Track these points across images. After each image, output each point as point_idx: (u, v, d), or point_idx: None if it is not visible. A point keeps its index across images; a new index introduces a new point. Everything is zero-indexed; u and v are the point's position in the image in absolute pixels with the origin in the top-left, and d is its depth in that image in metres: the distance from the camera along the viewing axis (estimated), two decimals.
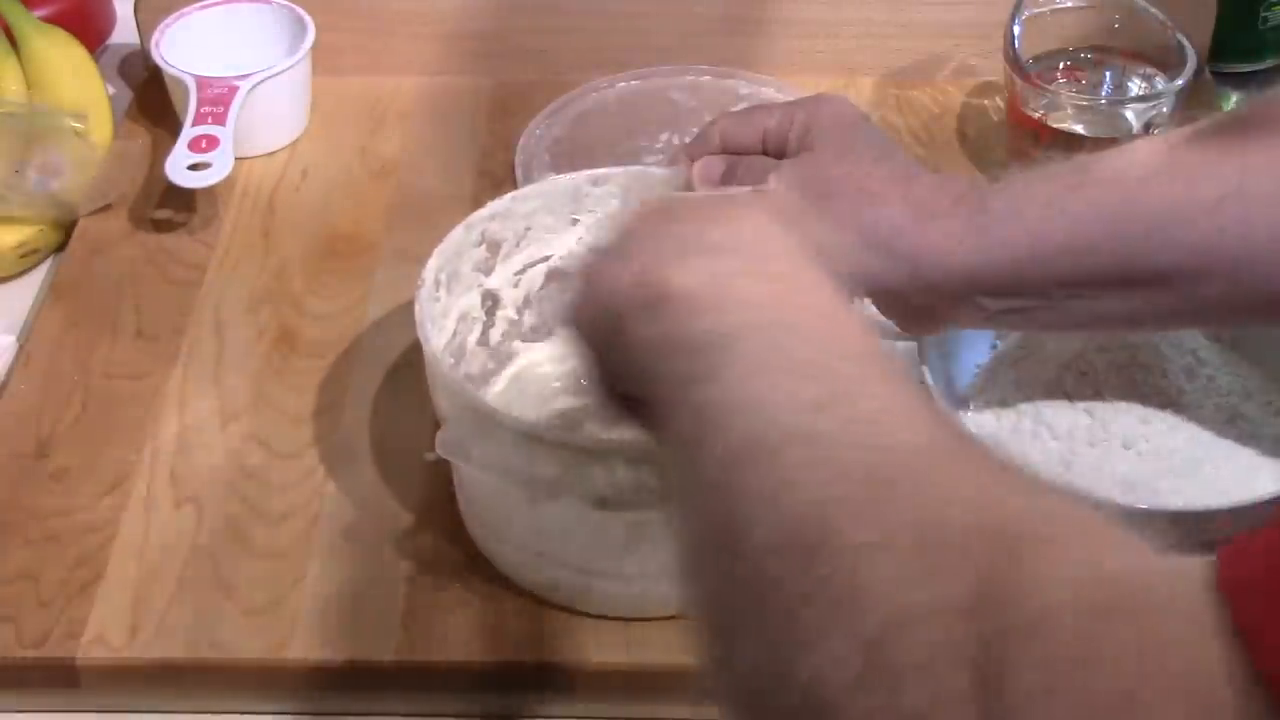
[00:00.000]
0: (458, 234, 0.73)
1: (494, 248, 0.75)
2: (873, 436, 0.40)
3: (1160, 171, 0.62)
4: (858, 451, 0.39)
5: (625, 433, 0.72)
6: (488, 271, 0.76)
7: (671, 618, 0.69)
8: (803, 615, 0.36)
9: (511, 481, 0.65)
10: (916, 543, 0.36)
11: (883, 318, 0.68)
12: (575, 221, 0.77)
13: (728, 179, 0.71)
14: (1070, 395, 0.74)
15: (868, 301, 0.67)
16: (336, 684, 0.69)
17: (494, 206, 0.75)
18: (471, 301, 0.76)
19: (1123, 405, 0.73)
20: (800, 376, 0.42)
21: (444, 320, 0.74)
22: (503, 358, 0.79)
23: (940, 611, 0.34)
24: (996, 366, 0.77)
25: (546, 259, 0.77)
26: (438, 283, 0.72)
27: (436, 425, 0.67)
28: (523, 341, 0.79)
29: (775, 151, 0.70)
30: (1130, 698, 0.30)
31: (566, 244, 0.77)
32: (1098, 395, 0.74)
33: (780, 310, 0.45)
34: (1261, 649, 0.30)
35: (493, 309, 0.77)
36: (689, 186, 0.72)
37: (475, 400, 0.67)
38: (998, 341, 0.78)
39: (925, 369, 0.72)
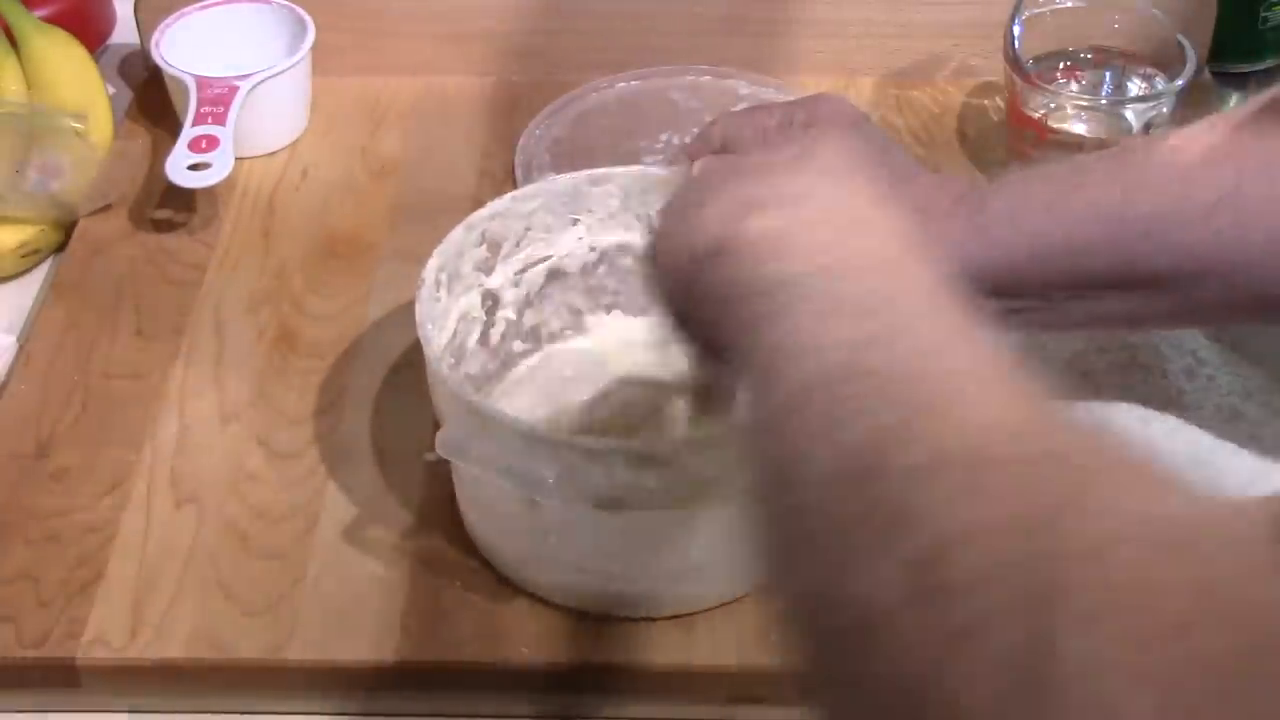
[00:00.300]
0: (458, 234, 0.73)
1: (494, 247, 0.75)
2: (924, 367, 0.41)
3: (1157, 174, 0.62)
4: (908, 384, 0.40)
5: (624, 434, 0.73)
6: (488, 271, 0.76)
7: (671, 618, 0.69)
8: (853, 538, 0.37)
9: (511, 482, 0.65)
10: (966, 467, 0.36)
11: None
12: (575, 221, 0.77)
13: None
14: (1070, 395, 0.74)
15: None
16: (336, 684, 0.69)
17: (494, 206, 0.75)
18: (472, 301, 0.76)
19: (1123, 406, 0.73)
20: (856, 315, 0.43)
21: (444, 320, 0.73)
22: (503, 358, 0.79)
23: (990, 532, 0.34)
24: None
25: (546, 259, 0.77)
26: (438, 283, 0.72)
27: (437, 425, 0.67)
28: (522, 342, 0.79)
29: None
30: (1184, 628, 0.31)
31: (566, 244, 0.77)
32: (1098, 395, 0.74)
33: (841, 253, 0.47)
34: None
35: (493, 309, 0.77)
36: None
37: (474, 401, 0.67)
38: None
39: None
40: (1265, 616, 0.30)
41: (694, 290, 0.51)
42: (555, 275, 0.78)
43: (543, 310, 0.78)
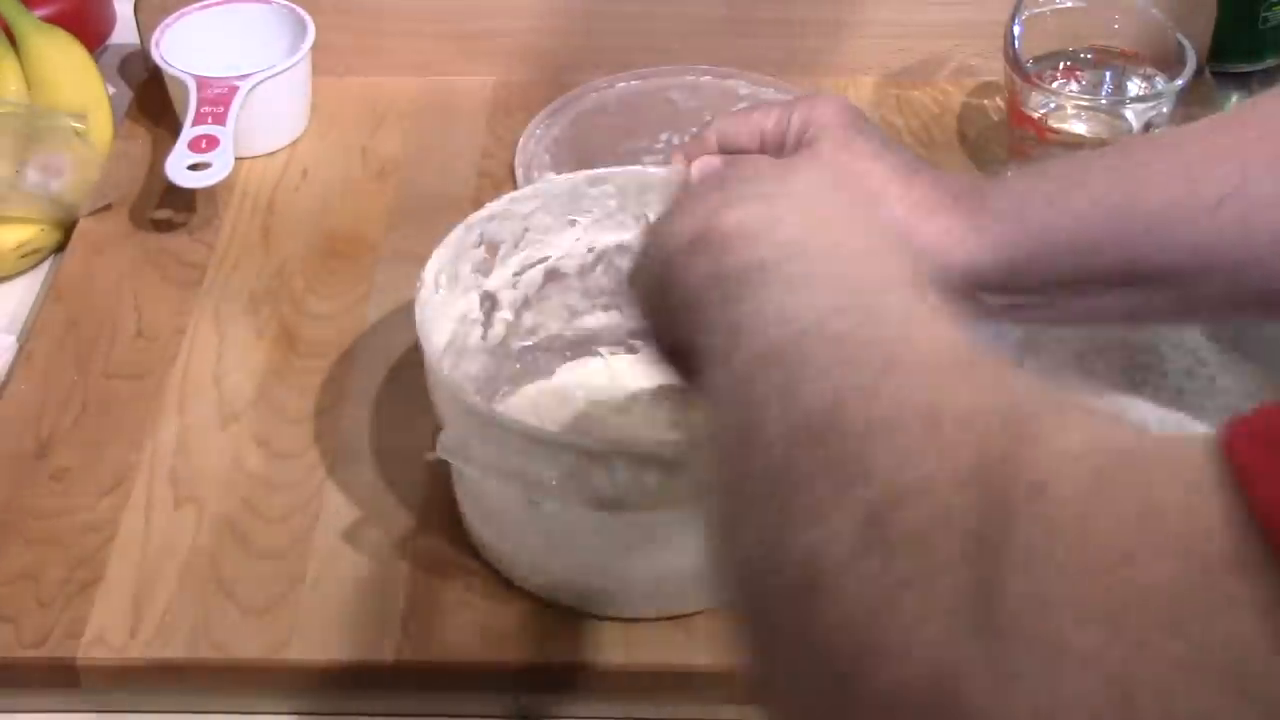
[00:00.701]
0: (457, 235, 0.73)
1: (492, 249, 0.75)
2: (890, 335, 0.41)
3: (1161, 170, 0.62)
4: (874, 347, 0.40)
5: (626, 433, 0.73)
6: (486, 273, 0.76)
7: (671, 618, 0.69)
8: (805, 492, 0.36)
9: (512, 484, 0.65)
10: (924, 421, 0.36)
11: None
12: (573, 223, 0.76)
13: None
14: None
15: None
16: (336, 684, 0.69)
17: (492, 208, 0.75)
18: (470, 303, 0.76)
19: (1123, 408, 0.73)
20: (823, 292, 0.43)
21: (443, 322, 0.73)
22: (501, 359, 0.78)
23: (942, 484, 0.34)
24: None
25: (544, 260, 0.77)
26: (437, 284, 0.72)
27: (436, 425, 0.68)
28: (521, 342, 0.79)
29: (773, 152, 0.70)
30: (1128, 557, 0.30)
31: (564, 245, 0.77)
32: (1098, 397, 0.74)
33: (812, 242, 0.46)
34: (1261, 503, 0.29)
35: (491, 310, 0.77)
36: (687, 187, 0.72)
37: (475, 403, 0.66)
38: (998, 343, 0.78)
39: None
40: (1206, 542, 0.30)
41: (668, 288, 0.50)
42: (553, 276, 0.78)
43: (541, 311, 0.78)
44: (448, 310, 0.74)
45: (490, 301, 0.77)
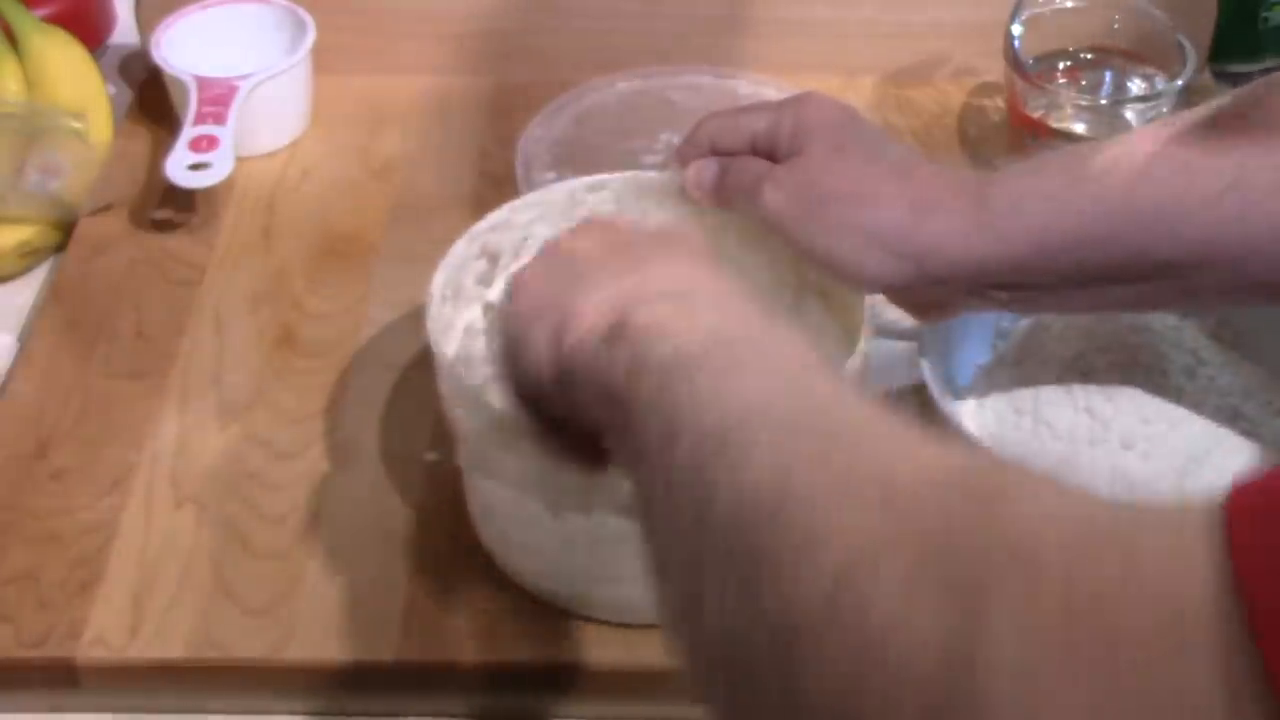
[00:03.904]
0: (460, 247, 0.73)
1: (493, 259, 0.75)
2: (832, 414, 0.42)
3: (1160, 165, 0.62)
4: (816, 422, 0.41)
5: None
6: (488, 284, 0.75)
7: None
8: (766, 563, 0.37)
9: (537, 493, 0.64)
10: (878, 484, 0.37)
11: (893, 309, 0.69)
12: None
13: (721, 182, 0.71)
14: (1071, 395, 0.74)
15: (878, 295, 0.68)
16: (336, 684, 0.69)
17: (493, 218, 0.74)
18: (474, 314, 0.75)
19: (1123, 405, 0.73)
20: (764, 375, 0.45)
21: (451, 334, 0.73)
22: None
23: (908, 539, 0.35)
24: (997, 366, 0.77)
25: None
26: (444, 298, 0.72)
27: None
28: None
29: (765, 155, 0.70)
30: (1108, 606, 0.31)
31: None
32: (1098, 395, 0.74)
33: (738, 328, 0.48)
34: (1256, 610, 0.30)
35: (494, 321, 0.76)
36: (684, 190, 0.72)
37: (501, 414, 0.66)
38: (998, 341, 0.78)
39: (925, 366, 0.72)
40: (1193, 623, 0.30)
41: (572, 374, 0.51)
42: None
43: None
44: (453, 322, 0.73)
45: (493, 312, 0.76)
